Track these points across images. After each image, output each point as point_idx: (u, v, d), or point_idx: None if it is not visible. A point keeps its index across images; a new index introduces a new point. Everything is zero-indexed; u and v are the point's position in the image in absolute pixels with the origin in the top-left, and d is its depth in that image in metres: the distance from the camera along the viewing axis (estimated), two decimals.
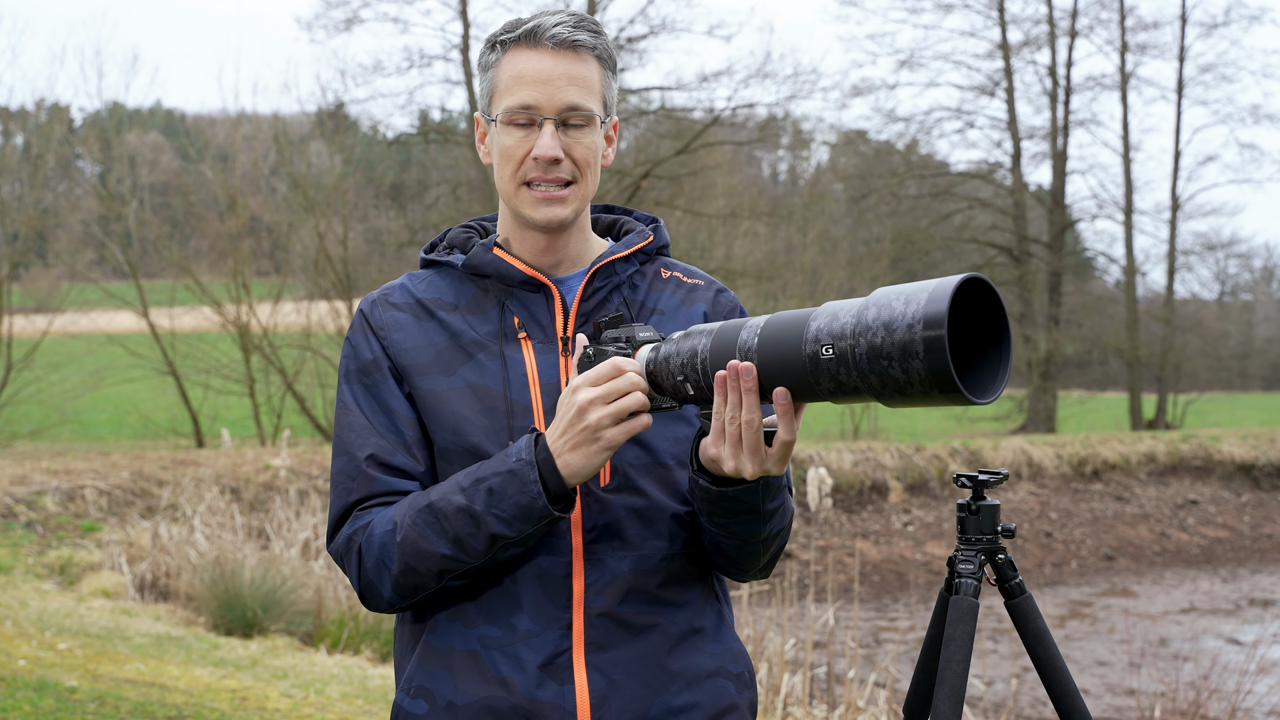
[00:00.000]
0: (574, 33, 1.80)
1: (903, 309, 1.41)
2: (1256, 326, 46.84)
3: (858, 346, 1.45)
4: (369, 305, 1.90)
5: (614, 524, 1.78)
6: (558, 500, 1.68)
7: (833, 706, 6.61)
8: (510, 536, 1.68)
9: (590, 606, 1.77)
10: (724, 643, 1.87)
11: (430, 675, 1.80)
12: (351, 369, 1.87)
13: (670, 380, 1.67)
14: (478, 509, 1.69)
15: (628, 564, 1.78)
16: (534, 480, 1.66)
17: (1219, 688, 7.08)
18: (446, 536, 1.70)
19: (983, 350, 1.49)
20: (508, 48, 1.82)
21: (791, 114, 30.40)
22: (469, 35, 21.90)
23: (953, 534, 11.51)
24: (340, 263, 19.97)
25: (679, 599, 1.82)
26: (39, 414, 21.55)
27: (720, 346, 1.61)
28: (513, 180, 1.82)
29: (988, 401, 1.44)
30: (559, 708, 1.74)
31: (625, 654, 1.77)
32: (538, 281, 1.84)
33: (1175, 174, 29.25)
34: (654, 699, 1.78)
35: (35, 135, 24.38)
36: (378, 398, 1.84)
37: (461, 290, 1.89)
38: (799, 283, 24.34)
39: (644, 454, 1.81)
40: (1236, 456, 19.47)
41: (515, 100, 1.79)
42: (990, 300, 1.46)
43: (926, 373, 1.39)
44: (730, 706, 1.84)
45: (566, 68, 1.80)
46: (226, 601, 8.30)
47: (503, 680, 1.75)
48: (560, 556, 1.77)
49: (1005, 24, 28.29)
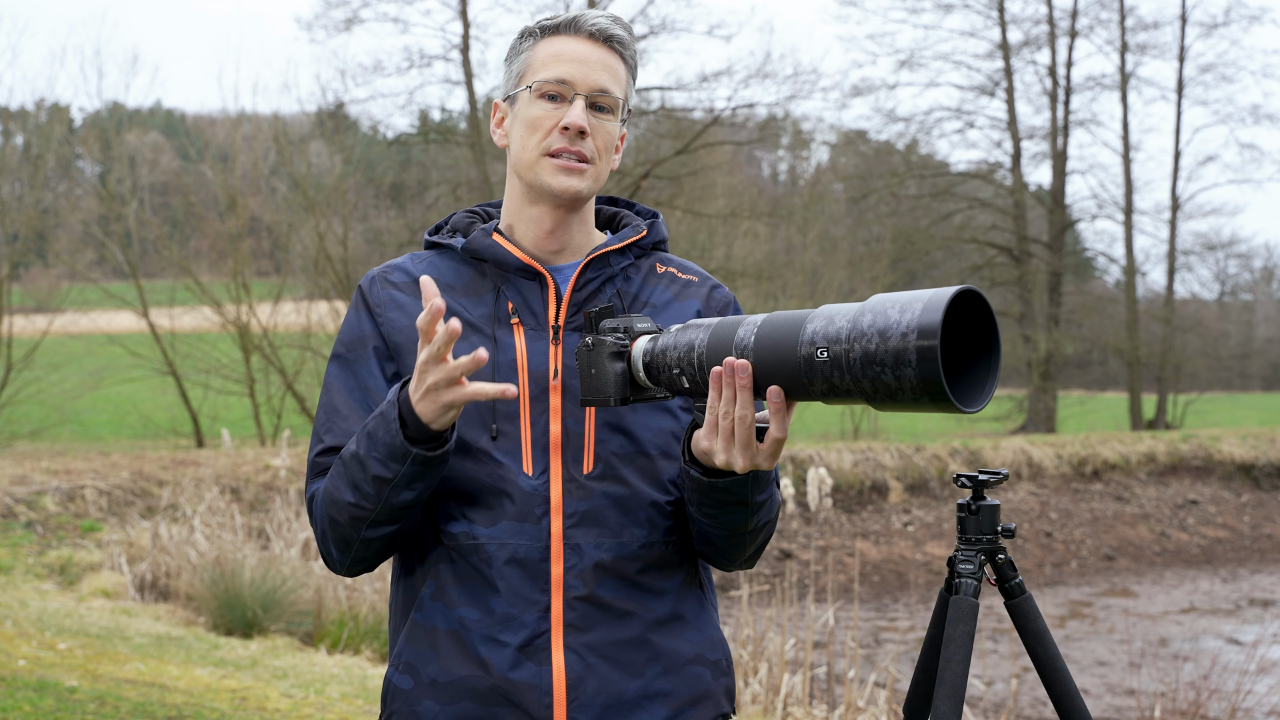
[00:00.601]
0: (612, 27, 1.89)
1: (897, 317, 1.45)
2: (1256, 326, 46.85)
3: (852, 351, 1.48)
4: (368, 282, 1.94)
5: (594, 511, 1.81)
6: (421, 441, 1.70)
7: (833, 706, 6.61)
8: (388, 476, 1.72)
9: (569, 590, 1.79)
10: (704, 630, 1.90)
11: (416, 652, 1.84)
12: (339, 345, 1.93)
13: (666, 372, 1.69)
14: (361, 452, 1.74)
15: (606, 551, 1.81)
16: (394, 419, 1.69)
17: (1219, 688, 7.08)
18: (348, 483, 1.76)
19: (973, 360, 1.53)
20: (546, 34, 1.90)
21: (791, 114, 30.43)
22: (469, 35, 21.91)
23: (953, 534, 11.51)
24: (340, 263, 19.97)
25: (658, 586, 1.85)
26: (39, 414, 21.55)
27: (717, 342, 1.63)
28: (537, 149, 1.86)
29: (975, 411, 1.48)
30: (535, 688, 1.77)
31: (603, 637, 1.80)
32: (533, 269, 1.87)
33: (1175, 174, 29.26)
34: (630, 682, 1.80)
35: (35, 135, 24.38)
36: (355, 374, 1.89)
37: (460, 272, 1.92)
38: (799, 283, 24.33)
39: (628, 443, 1.84)
40: (1236, 456, 19.47)
41: (551, 74, 1.85)
42: (982, 311, 1.50)
43: (918, 380, 1.43)
44: (705, 693, 1.87)
45: (601, 56, 1.87)
46: (226, 601, 8.30)
47: (481, 661, 1.79)
48: (538, 542, 1.79)
49: (1005, 24, 28.30)
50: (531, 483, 1.81)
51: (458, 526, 1.82)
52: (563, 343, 1.85)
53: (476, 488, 1.81)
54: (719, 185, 23.56)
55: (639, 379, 1.74)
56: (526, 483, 1.81)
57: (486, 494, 1.81)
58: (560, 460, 1.82)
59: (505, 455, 1.81)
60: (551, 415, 1.83)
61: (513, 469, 1.81)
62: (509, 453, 1.81)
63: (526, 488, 1.80)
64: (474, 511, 1.81)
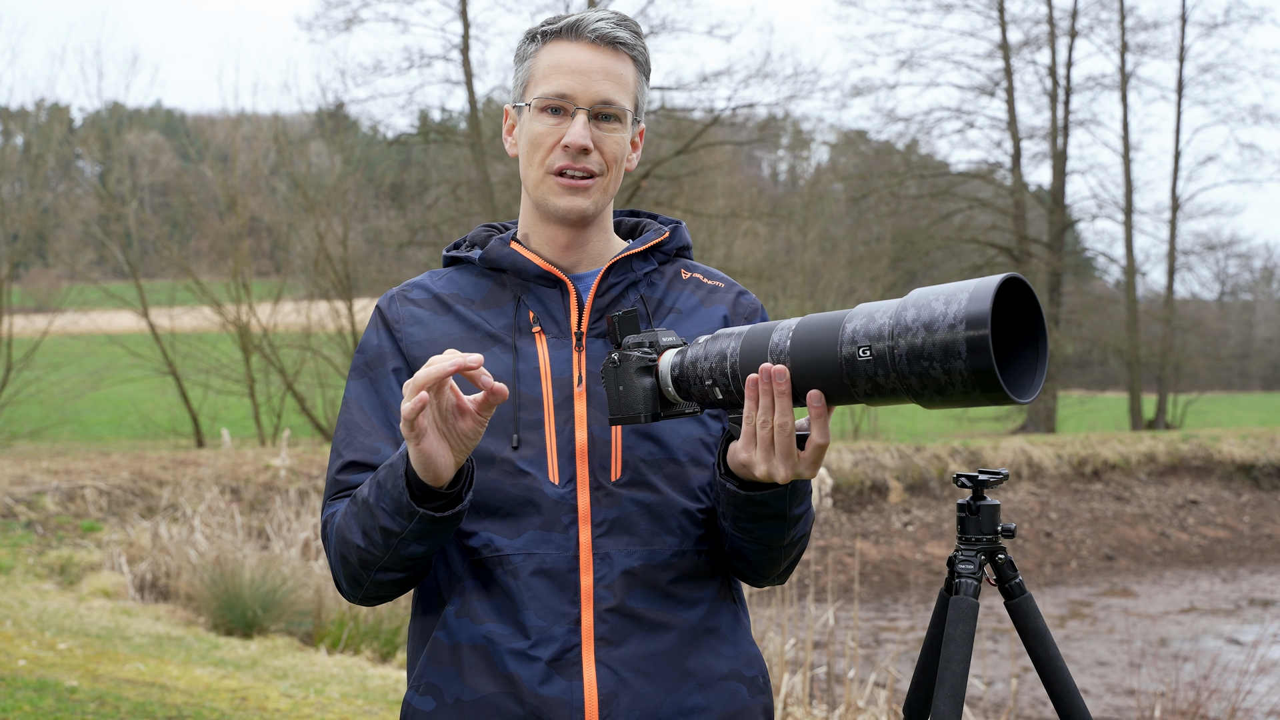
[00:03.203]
0: (615, 30, 1.81)
1: (943, 309, 1.42)
2: (1256, 326, 46.85)
3: (896, 347, 1.44)
4: (386, 302, 1.90)
5: (624, 519, 1.76)
6: (425, 499, 1.63)
7: (833, 706, 6.61)
8: (395, 530, 1.65)
9: (600, 602, 1.73)
10: (739, 645, 1.84)
11: (439, 672, 1.78)
12: (359, 363, 1.87)
13: (698, 385, 1.64)
14: (371, 501, 1.67)
15: (637, 559, 1.75)
16: (401, 474, 1.62)
17: (1219, 688, 7.08)
18: (359, 526, 1.69)
19: (1018, 348, 1.50)
20: (548, 39, 1.83)
21: (791, 114, 30.43)
22: (469, 35, 21.90)
23: (953, 534, 11.51)
24: (340, 263, 19.97)
25: (691, 596, 1.79)
26: (39, 414, 21.55)
27: (751, 349, 1.59)
28: (540, 167, 1.82)
29: (1028, 401, 1.45)
30: (567, 704, 1.71)
31: (636, 651, 1.74)
32: (553, 276, 1.83)
33: (1175, 174, 29.27)
34: (664, 698, 1.74)
35: (35, 135, 24.38)
36: (378, 392, 1.84)
37: (479, 285, 1.88)
38: (799, 283, 24.33)
39: (657, 449, 1.79)
40: (1236, 456, 19.47)
41: (551, 88, 1.80)
42: (1026, 299, 1.47)
43: (969, 372, 1.39)
44: (743, 710, 1.81)
45: (605, 63, 1.81)
46: (226, 601, 8.30)
47: (509, 677, 1.72)
48: (566, 552, 1.74)
49: (1005, 24, 28.30)
50: (558, 491, 1.75)
51: (479, 539, 1.76)
52: (586, 349, 1.80)
53: (501, 498, 1.75)
54: (719, 185, 23.56)
55: (668, 393, 1.68)
56: (553, 491, 1.75)
57: (511, 504, 1.75)
58: (587, 468, 1.76)
59: (529, 464, 1.76)
60: (577, 423, 1.78)
61: (538, 478, 1.75)
62: (533, 461, 1.76)
63: (553, 496, 1.75)
64: (497, 523, 1.75)
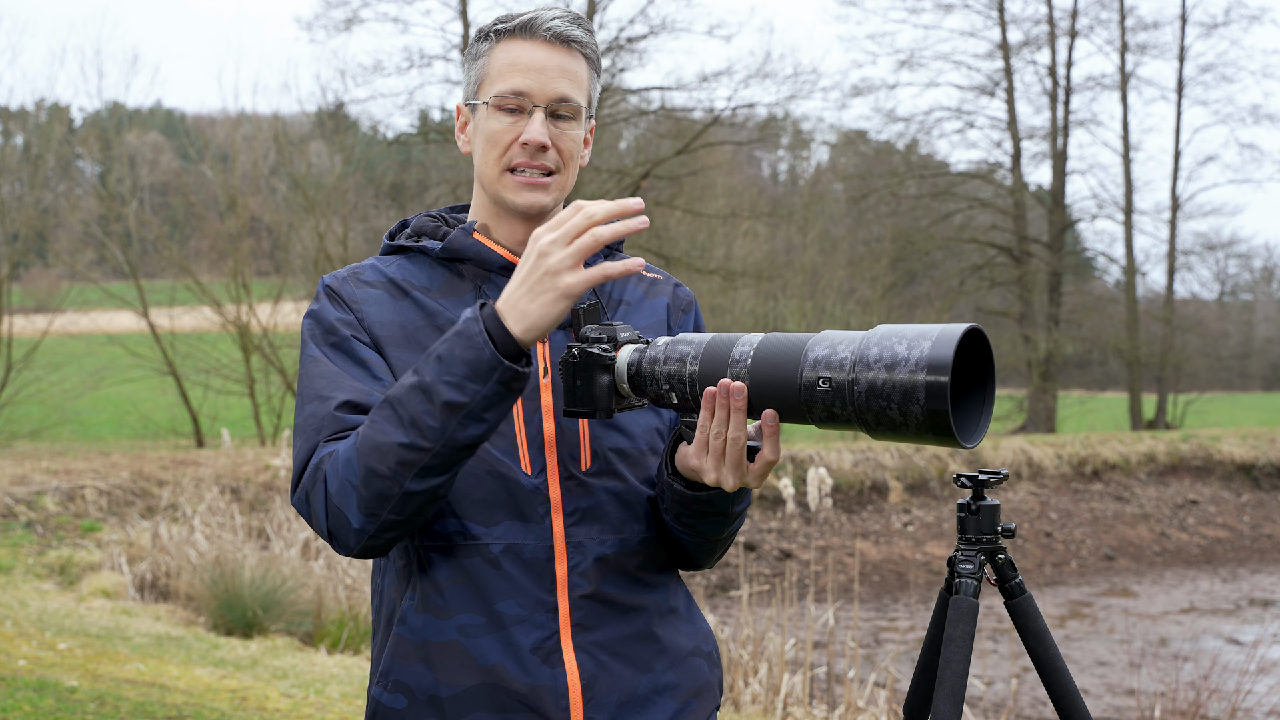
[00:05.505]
0: (569, 28, 1.83)
1: (905, 353, 1.44)
2: (1256, 326, 46.84)
3: (857, 383, 1.47)
4: (337, 281, 1.85)
5: (596, 507, 1.79)
6: (509, 356, 1.62)
7: (833, 706, 6.61)
8: (464, 401, 1.60)
9: (575, 589, 1.77)
10: (695, 623, 1.92)
11: (406, 669, 1.76)
12: (318, 333, 1.81)
13: (654, 387, 1.66)
14: (428, 380, 1.62)
15: (609, 547, 1.79)
16: (479, 332, 1.60)
17: (1219, 688, 7.08)
18: (402, 422, 1.62)
19: (966, 395, 1.53)
20: (502, 38, 1.84)
21: (791, 114, 30.46)
22: (469, 35, 21.89)
23: (953, 534, 11.51)
24: (340, 263, 19.95)
25: (655, 580, 1.86)
26: (39, 414, 21.55)
27: (710, 361, 1.61)
28: (497, 165, 1.83)
29: (972, 446, 1.48)
30: (552, 690, 1.74)
31: (611, 635, 1.79)
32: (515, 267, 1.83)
33: (1175, 174, 29.28)
34: (640, 678, 1.80)
35: (35, 135, 24.38)
36: (349, 352, 1.79)
37: (434, 275, 1.87)
38: (799, 283, 24.35)
39: (623, 439, 1.83)
40: (1236, 456, 19.47)
41: (508, 86, 1.81)
42: (982, 349, 1.51)
43: (924, 416, 1.43)
44: (705, 684, 1.89)
45: (560, 61, 1.82)
46: (226, 601, 8.30)
47: (492, 668, 1.73)
48: (544, 541, 1.76)
49: (1005, 24, 28.31)
50: (532, 481, 1.77)
51: (450, 525, 1.75)
52: (549, 340, 1.82)
53: (473, 485, 1.75)
54: (719, 185, 23.57)
55: (622, 389, 1.69)
56: (528, 481, 1.77)
57: (486, 492, 1.76)
58: (556, 458, 1.79)
59: (503, 454, 1.77)
60: (544, 414, 1.79)
61: (513, 468, 1.76)
62: (506, 452, 1.77)
63: (529, 486, 1.76)
64: (471, 510, 1.75)
